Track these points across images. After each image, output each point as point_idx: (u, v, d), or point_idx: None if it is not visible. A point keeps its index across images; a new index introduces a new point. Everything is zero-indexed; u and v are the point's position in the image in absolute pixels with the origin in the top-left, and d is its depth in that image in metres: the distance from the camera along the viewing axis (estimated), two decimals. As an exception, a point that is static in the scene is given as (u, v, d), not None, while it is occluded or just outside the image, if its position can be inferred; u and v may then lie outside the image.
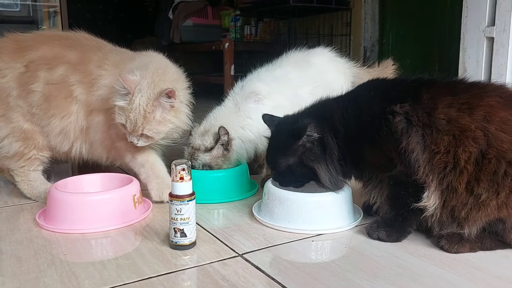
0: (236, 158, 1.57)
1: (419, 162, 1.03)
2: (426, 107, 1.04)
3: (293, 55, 1.76)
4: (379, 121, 1.07)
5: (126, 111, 1.32)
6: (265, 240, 1.15)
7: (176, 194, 1.08)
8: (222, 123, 1.55)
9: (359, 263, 1.02)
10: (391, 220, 1.12)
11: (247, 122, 1.57)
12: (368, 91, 1.15)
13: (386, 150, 1.07)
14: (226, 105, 1.63)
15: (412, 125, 1.04)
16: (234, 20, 4.79)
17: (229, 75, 4.47)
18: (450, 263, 1.01)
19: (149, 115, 1.32)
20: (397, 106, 1.06)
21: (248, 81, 1.66)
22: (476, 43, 2.29)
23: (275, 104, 1.58)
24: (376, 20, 4.00)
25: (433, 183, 1.03)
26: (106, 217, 1.23)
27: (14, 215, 1.34)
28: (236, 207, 1.42)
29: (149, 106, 1.32)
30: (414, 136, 1.04)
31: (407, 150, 1.04)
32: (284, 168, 1.20)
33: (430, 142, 1.03)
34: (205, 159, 1.54)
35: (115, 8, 7.02)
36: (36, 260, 1.03)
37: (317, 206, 1.21)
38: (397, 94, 1.08)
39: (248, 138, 1.57)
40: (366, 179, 1.17)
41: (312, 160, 1.16)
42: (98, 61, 1.45)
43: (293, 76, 1.67)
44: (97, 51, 1.48)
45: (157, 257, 1.06)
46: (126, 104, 1.32)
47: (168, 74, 1.42)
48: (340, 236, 1.18)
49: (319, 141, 1.16)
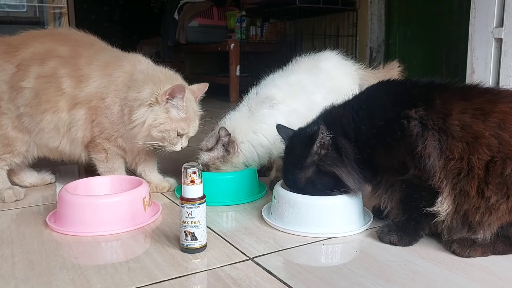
0: (243, 161, 1.57)
1: (435, 167, 1.02)
2: (440, 112, 1.03)
3: (303, 61, 1.76)
4: (392, 125, 1.06)
5: (185, 121, 1.40)
6: (275, 244, 1.15)
7: (187, 197, 1.08)
8: (233, 126, 1.55)
9: (371, 267, 1.02)
10: (403, 224, 1.11)
11: (261, 127, 1.56)
12: (380, 94, 1.14)
13: (399, 154, 1.06)
14: (240, 110, 1.63)
15: (428, 129, 1.03)
16: (240, 21, 4.80)
17: (234, 76, 4.47)
18: (463, 267, 1.01)
19: (198, 112, 1.48)
20: (412, 111, 1.05)
21: (263, 86, 1.66)
22: (485, 44, 2.28)
23: (290, 109, 1.58)
24: (382, 20, 4.00)
25: (446, 188, 1.02)
26: (116, 220, 1.23)
27: (24, 217, 1.35)
28: (245, 209, 1.42)
29: (197, 106, 1.47)
30: (430, 140, 1.03)
31: (423, 154, 1.03)
32: (305, 183, 1.18)
33: (445, 148, 1.02)
34: (204, 158, 1.55)
35: (120, 9, 7.05)
36: (48, 263, 1.03)
37: (328, 209, 1.20)
38: (410, 98, 1.07)
39: (261, 143, 1.57)
40: (376, 183, 1.16)
41: (330, 164, 1.15)
42: (88, 57, 1.45)
43: (307, 83, 1.66)
44: (89, 48, 1.49)
45: (168, 260, 1.06)
46: (184, 113, 1.39)
47: (177, 74, 1.51)
48: (351, 240, 1.18)
49: (333, 145, 1.15)
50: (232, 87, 4.48)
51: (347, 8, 4.00)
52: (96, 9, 6.84)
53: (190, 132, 1.44)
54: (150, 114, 1.36)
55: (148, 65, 1.51)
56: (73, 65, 1.43)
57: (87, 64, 1.43)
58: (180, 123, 1.39)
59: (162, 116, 1.37)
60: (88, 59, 1.44)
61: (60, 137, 1.46)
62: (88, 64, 1.43)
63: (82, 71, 1.42)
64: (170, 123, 1.38)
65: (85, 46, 1.49)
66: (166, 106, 1.37)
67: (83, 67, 1.43)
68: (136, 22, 7.07)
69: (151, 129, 1.37)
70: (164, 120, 1.37)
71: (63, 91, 1.41)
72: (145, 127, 1.37)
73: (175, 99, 1.36)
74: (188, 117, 1.41)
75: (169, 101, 1.37)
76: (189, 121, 1.42)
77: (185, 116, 1.40)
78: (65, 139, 1.47)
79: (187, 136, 1.45)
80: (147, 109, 1.37)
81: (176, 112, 1.38)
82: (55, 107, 1.42)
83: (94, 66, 1.44)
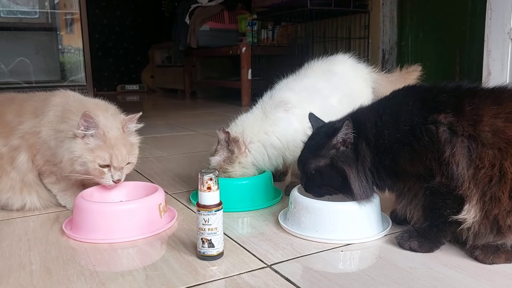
0: (252, 162, 1.54)
1: (464, 176, 1.00)
2: (470, 119, 1.00)
3: (316, 64, 1.75)
4: (419, 130, 1.04)
5: (104, 149, 1.29)
6: (293, 250, 1.14)
7: (203, 204, 1.07)
8: (243, 127, 1.55)
9: (392, 274, 1.00)
10: (424, 230, 1.09)
11: (274, 129, 1.55)
12: (405, 99, 1.12)
13: (425, 160, 1.04)
14: (253, 112, 1.62)
15: (456, 135, 1.01)
16: (251, 24, 4.79)
17: (246, 80, 4.48)
18: (486, 275, 0.99)
19: (127, 142, 1.34)
20: (441, 116, 1.02)
21: (278, 90, 1.65)
22: (501, 45, 2.25)
23: (305, 113, 1.57)
24: (395, 22, 3.97)
25: (475, 197, 1.00)
26: (133, 227, 1.22)
27: (41, 224, 1.35)
28: (261, 215, 1.41)
29: (123, 135, 1.34)
30: (459, 147, 1.00)
31: (450, 161, 1.00)
32: (313, 170, 1.18)
33: (475, 156, 0.99)
34: (212, 163, 1.53)
35: (132, 14, 7.09)
36: (66, 272, 1.03)
37: (346, 215, 1.19)
38: (438, 104, 1.05)
39: (272, 144, 1.55)
40: (399, 192, 1.14)
41: (343, 162, 1.13)
42: (14, 111, 1.43)
43: (321, 86, 1.65)
44: (11, 104, 1.46)
45: (186, 267, 1.05)
46: (101, 141, 1.29)
47: (110, 105, 1.46)
48: (370, 246, 1.16)
49: (353, 147, 1.14)
50: (243, 91, 4.48)
51: (359, 10, 3.98)
52: (108, 14, 6.90)
53: (114, 163, 1.30)
54: (69, 147, 1.29)
55: (80, 97, 1.47)
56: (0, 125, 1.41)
57: (16, 117, 1.41)
58: (99, 153, 1.28)
59: (78, 148, 1.28)
60: (15, 112, 1.42)
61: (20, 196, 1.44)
62: (18, 116, 1.41)
63: (11, 123, 1.40)
64: (87, 155, 1.28)
65: (5, 104, 1.46)
66: (84, 138, 1.28)
67: (11, 121, 1.40)
68: (148, 27, 7.12)
69: (72, 162, 1.30)
70: (80, 152, 1.28)
71: (1, 154, 1.40)
72: (65, 160, 1.30)
73: (89, 128, 1.27)
74: (108, 145, 1.29)
75: (84, 131, 1.27)
76: (110, 149, 1.29)
77: (103, 144, 1.29)
78: (26, 193, 1.44)
79: (116, 168, 1.31)
80: (69, 142, 1.30)
81: (94, 141, 1.28)
82: (2, 169, 1.40)
83: (25, 114, 1.41)
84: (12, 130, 1.40)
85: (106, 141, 1.29)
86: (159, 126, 3.38)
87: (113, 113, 1.40)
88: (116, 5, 6.94)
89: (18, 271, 1.04)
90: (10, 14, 4.17)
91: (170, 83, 6.45)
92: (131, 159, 1.36)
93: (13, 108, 1.44)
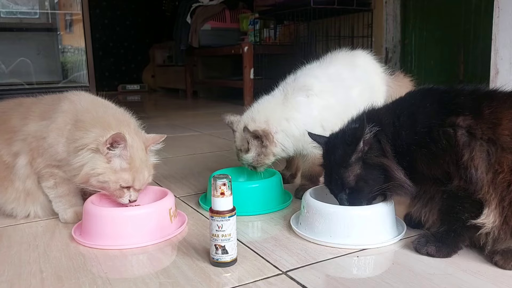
0: (282, 149, 1.54)
1: (483, 180, 0.98)
2: (489, 122, 0.99)
3: (339, 54, 1.72)
4: (437, 132, 1.02)
5: (129, 172, 1.24)
6: (308, 256, 1.12)
7: (216, 210, 1.05)
8: (267, 116, 1.52)
9: (410, 280, 0.98)
10: (441, 235, 1.07)
11: (293, 115, 1.53)
12: (422, 101, 1.10)
13: (444, 163, 1.02)
14: (275, 95, 1.60)
15: (475, 138, 0.99)
16: (253, 23, 4.76)
17: (248, 79, 4.45)
18: (507, 281, 0.97)
19: (149, 164, 1.32)
20: (459, 118, 1.00)
21: (302, 74, 1.62)
22: (509, 44, 2.22)
23: (325, 104, 1.55)
24: (398, 20, 3.94)
25: (494, 201, 0.98)
26: (143, 232, 1.20)
27: (49, 229, 1.33)
28: (272, 219, 1.39)
29: (146, 156, 1.31)
30: (478, 151, 0.98)
31: (469, 165, 0.98)
32: (355, 181, 1.12)
33: (494, 161, 0.97)
34: (248, 160, 1.53)
35: (133, 13, 7.06)
36: (77, 279, 1.01)
37: (360, 220, 1.17)
38: (456, 107, 1.03)
39: (292, 133, 1.53)
40: (414, 195, 1.12)
41: (377, 156, 1.09)
42: (20, 114, 1.40)
43: (346, 76, 1.63)
44: (18, 107, 1.43)
45: (199, 274, 1.03)
46: (127, 163, 1.24)
47: (130, 118, 1.40)
48: (385, 251, 1.14)
49: (376, 139, 1.10)
50: (246, 91, 4.46)
51: (362, 8, 3.95)
52: (109, 13, 6.87)
53: (136, 185, 1.27)
54: (89, 161, 1.24)
55: (93, 101, 1.41)
56: (3, 131, 1.38)
57: (22, 119, 1.38)
58: (123, 175, 1.24)
59: (101, 166, 1.23)
60: (21, 115, 1.39)
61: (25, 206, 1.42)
62: (24, 119, 1.38)
63: (15, 128, 1.37)
64: (110, 175, 1.23)
65: (13, 109, 1.43)
66: (108, 156, 1.23)
67: (16, 125, 1.38)
68: (149, 26, 7.09)
69: (89, 177, 1.24)
70: (102, 171, 1.23)
71: (5, 163, 1.38)
72: (82, 173, 1.24)
73: (116, 149, 1.22)
74: (132, 168, 1.25)
75: (110, 150, 1.22)
76: (134, 172, 1.25)
77: (128, 167, 1.24)
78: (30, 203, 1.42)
79: (136, 190, 1.28)
80: (88, 154, 1.24)
81: (119, 162, 1.24)
82: (8, 180, 1.38)
83: (31, 116, 1.38)
84: (16, 135, 1.37)
85: (131, 164, 1.25)
86: (162, 127, 3.36)
87: (135, 128, 1.35)
88: (116, 4, 6.91)
89: (29, 279, 1.02)
90: (10, 14, 4.14)
91: (171, 83, 6.42)
92: (149, 179, 1.34)
93: (20, 111, 1.42)
